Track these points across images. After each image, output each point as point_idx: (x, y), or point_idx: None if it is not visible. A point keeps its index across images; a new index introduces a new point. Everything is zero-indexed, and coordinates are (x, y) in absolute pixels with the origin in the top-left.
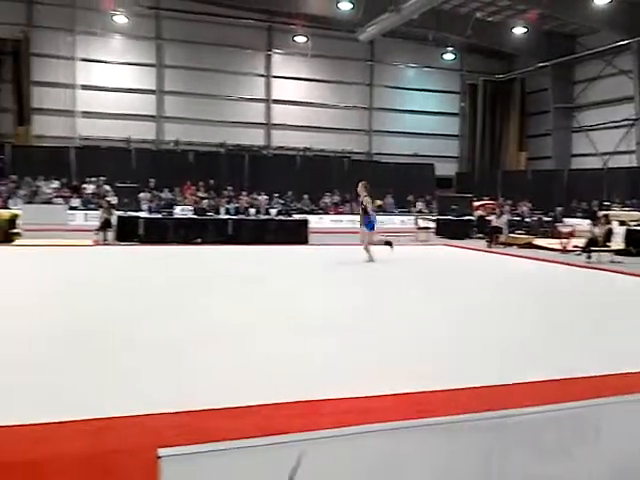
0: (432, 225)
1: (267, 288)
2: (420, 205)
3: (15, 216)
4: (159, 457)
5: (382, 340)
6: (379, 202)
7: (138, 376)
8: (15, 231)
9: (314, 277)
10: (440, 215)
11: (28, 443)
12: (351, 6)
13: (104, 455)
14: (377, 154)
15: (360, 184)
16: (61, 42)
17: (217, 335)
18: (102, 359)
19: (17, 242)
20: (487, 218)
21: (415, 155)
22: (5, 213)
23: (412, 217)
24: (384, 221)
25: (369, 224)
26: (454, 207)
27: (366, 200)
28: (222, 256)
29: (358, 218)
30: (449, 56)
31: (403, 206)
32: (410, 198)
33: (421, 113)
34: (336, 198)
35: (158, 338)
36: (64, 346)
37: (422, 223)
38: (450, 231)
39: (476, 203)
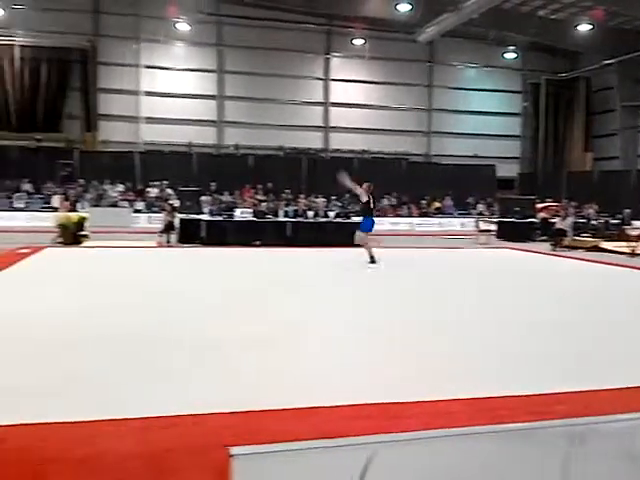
0: (493, 228)
1: (329, 291)
2: (481, 207)
3: (83, 219)
4: (231, 455)
5: (452, 344)
6: (437, 204)
7: (202, 375)
8: (83, 233)
9: (376, 280)
10: (501, 217)
11: (86, 439)
12: (410, 7)
13: (165, 453)
14: (436, 155)
15: (364, 185)
16: (126, 50)
17: (283, 335)
18: (167, 358)
19: (85, 244)
20: (551, 220)
21: (475, 156)
22: (74, 216)
23: (472, 219)
24: (443, 223)
25: (363, 225)
26: (516, 209)
27: (361, 193)
28: (281, 258)
29: (414, 220)
30: (510, 55)
31: (463, 208)
32: (470, 200)
33: (481, 114)
34: (393, 200)
35: (222, 338)
36: (131, 345)
37: (483, 225)
38: (512, 234)
39: (539, 205)
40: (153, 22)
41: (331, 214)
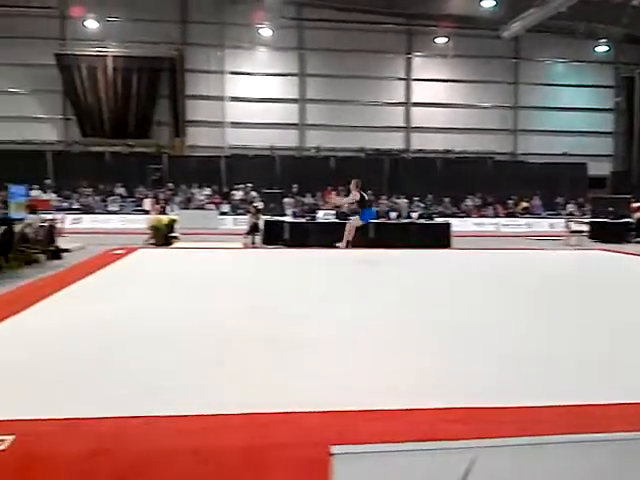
0: (584, 228)
1: (415, 293)
2: (571, 207)
3: (173, 221)
4: (332, 454)
5: (542, 350)
6: (525, 204)
7: (297, 374)
8: (173, 235)
9: (466, 283)
10: (593, 218)
11: (190, 433)
12: (494, 3)
13: (264, 449)
14: (523, 154)
15: (352, 181)
16: (211, 57)
17: (365, 336)
18: (262, 356)
19: (175, 245)
20: None
21: (564, 154)
22: (164, 218)
23: (562, 220)
24: (530, 224)
25: (364, 216)
26: (610, 209)
27: (352, 195)
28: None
29: (501, 221)
30: (602, 48)
31: (552, 209)
32: (559, 200)
33: (571, 110)
34: (477, 201)
35: (313, 338)
36: (226, 343)
37: (574, 226)
38: (605, 235)
39: (635, 204)
40: (237, 29)
41: (414, 215)
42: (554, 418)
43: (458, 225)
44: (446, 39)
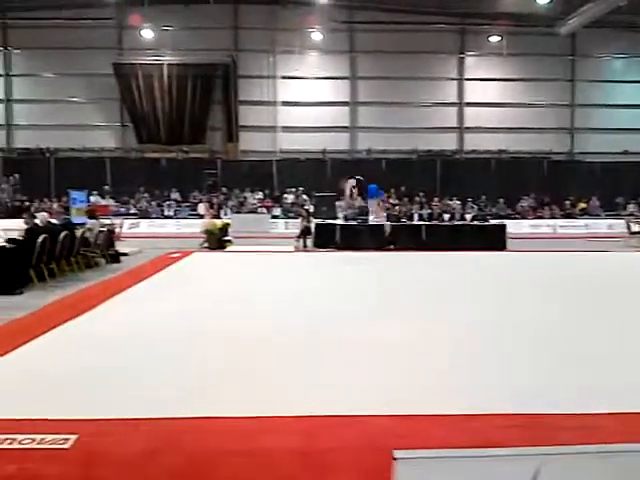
0: None
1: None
2: (631, 207)
3: (227, 225)
4: (395, 458)
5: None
6: (583, 205)
7: (348, 377)
8: (227, 238)
9: (517, 281)
10: None
11: (253, 434)
12: (549, 0)
13: (325, 452)
14: (580, 153)
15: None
16: (263, 62)
17: (426, 340)
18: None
19: (229, 248)
20: None
21: (625, 153)
22: (218, 222)
23: (622, 221)
24: (589, 225)
25: None
26: None
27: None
28: (419, 262)
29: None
30: None
31: (611, 209)
32: (619, 200)
33: (632, 107)
34: (533, 202)
35: (369, 340)
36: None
37: (635, 227)
38: None
39: None
40: (288, 34)
41: (468, 217)
42: (605, 425)
43: (513, 227)
44: (499, 37)
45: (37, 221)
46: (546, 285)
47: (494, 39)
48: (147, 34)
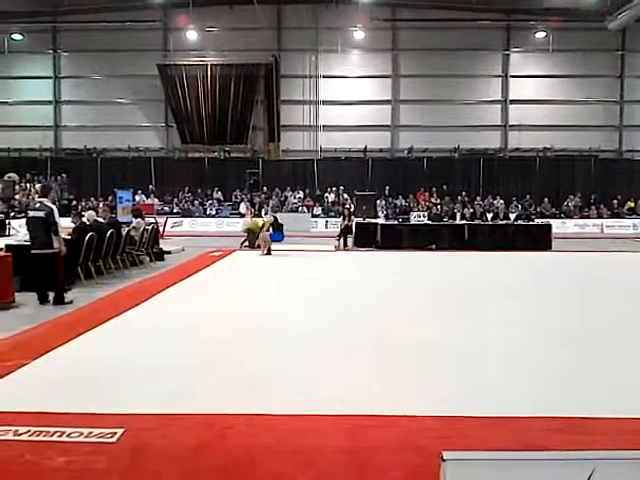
0: None
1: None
2: None
3: (273, 222)
4: (444, 460)
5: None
6: (631, 204)
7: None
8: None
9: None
10: None
11: (300, 432)
12: None
13: (369, 451)
14: (629, 151)
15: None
16: (305, 62)
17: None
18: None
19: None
20: None
21: None
22: (260, 221)
23: None
24: (637, 225)
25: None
26: None
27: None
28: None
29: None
30: None
31: None
32: None
33: None
34: (579, 201)
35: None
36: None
37: None
38: None
39: None
40: (330, 33)
41: (512, 216)
42: None
43: (558, 226)
44: (545, 33)
45: (84, 220)
46: (590, 287)
47: (540, 35)
48: (191, 35)
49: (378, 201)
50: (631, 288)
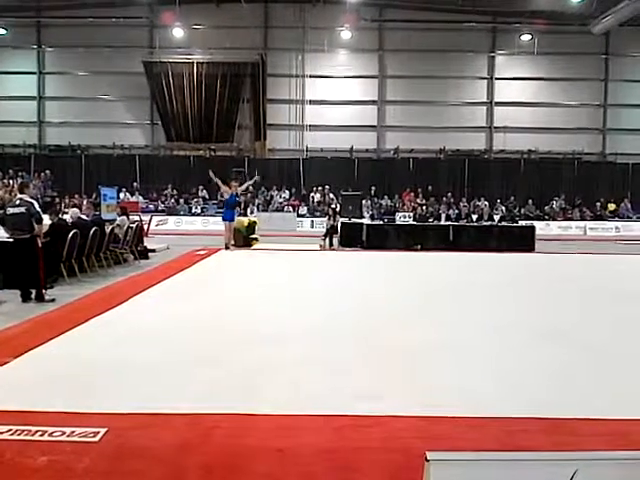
0: None
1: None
2: None
3: (254, 223)
4: (427, 460)
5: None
6: (613, 206)
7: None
8: (253, 236)
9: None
10: None
11: (285, 431)
12: None
13: (353, 451)
14: (612, 154)
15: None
16: (292, 61)
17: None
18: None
19: (255, 246)
20: None
21: None
22: (245, 220)
23: None
24: (620, 227)
25: (225, 215)
26: None
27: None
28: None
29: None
30: None
31: None
32: None
33: None
34: (562, 203)
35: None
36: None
37: None
38: None
39: None
40: (317, 32)
41: (496, 218)
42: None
43: (542, 228)
44: (531, 36)
45: (67, 217)
46: (573, 288)
47: (525, 38)
48: (178, 33)
49: (364, 201)
50: (615, 290)
